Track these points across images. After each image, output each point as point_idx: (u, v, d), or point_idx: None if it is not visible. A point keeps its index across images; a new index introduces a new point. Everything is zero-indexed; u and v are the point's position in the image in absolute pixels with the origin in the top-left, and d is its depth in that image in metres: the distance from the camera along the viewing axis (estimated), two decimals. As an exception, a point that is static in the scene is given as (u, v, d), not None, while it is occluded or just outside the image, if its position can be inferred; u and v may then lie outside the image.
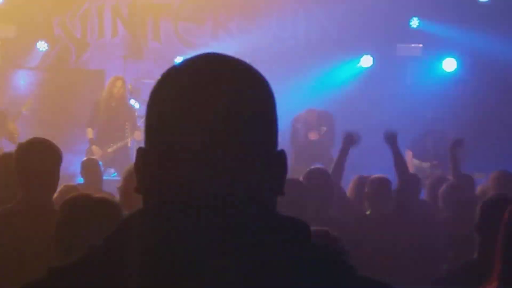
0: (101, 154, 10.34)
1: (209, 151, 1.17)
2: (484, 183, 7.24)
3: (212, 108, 1.18)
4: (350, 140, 6.32)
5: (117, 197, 4.38)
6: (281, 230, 1.20)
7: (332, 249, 1.22)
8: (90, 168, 7.18)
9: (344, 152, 6.24)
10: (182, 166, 1.18)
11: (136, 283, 1.13)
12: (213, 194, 1.17)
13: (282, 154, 1.27)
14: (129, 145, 10.56)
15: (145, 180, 1.23)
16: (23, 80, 11.65)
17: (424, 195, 6.50)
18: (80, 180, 7.56)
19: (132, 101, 10.96)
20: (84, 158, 7.23)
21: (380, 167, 10.02)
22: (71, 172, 8.44)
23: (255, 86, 1.23)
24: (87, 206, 2.71)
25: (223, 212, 1.17)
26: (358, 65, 12.25)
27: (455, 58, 12.19)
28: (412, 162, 10.76)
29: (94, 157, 8.01)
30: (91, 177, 7.00)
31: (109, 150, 10.48)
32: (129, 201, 3.78)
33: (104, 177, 10.15)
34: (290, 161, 8.81)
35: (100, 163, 7.90)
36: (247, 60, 1.26)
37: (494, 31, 11.80)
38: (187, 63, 1.25)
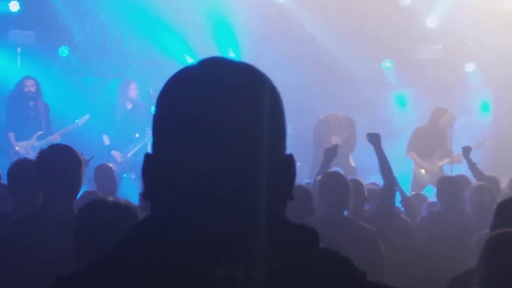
0: (120, 159, 10.35)
1: (216, 155, 1.16)
2: (506, 183, 7.19)
3: (218, 112, 1.17)
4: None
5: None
6: (290, 236, 1.19)
7: (342, 255, 1.21)
8: (103, 173, 7.01)
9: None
10: (188, 171, 1.17)
11: None
12: (220, 199, 1.16)
13: (290, 158, 1.26)
14: (148, 149, 10.49)
15: (151, 185, 1.23)
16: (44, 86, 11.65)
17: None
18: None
19: (153, 107, 10.91)
20: (98, 164, 7.10)
21: (405, 170, 9.97)
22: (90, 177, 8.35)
23: (262, 90, 1.22)
24: (101, 211, 2.72)
25: (231, 218, 1.16)
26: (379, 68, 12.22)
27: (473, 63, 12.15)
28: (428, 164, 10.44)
29: (109, 163, 7.86)
30: (104, 183, 6.80)
31: (129, 155, 10.46)
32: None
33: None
34: (312, 162, 8.63)
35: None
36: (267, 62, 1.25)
37: None
38: (192, 67, 1.25)
